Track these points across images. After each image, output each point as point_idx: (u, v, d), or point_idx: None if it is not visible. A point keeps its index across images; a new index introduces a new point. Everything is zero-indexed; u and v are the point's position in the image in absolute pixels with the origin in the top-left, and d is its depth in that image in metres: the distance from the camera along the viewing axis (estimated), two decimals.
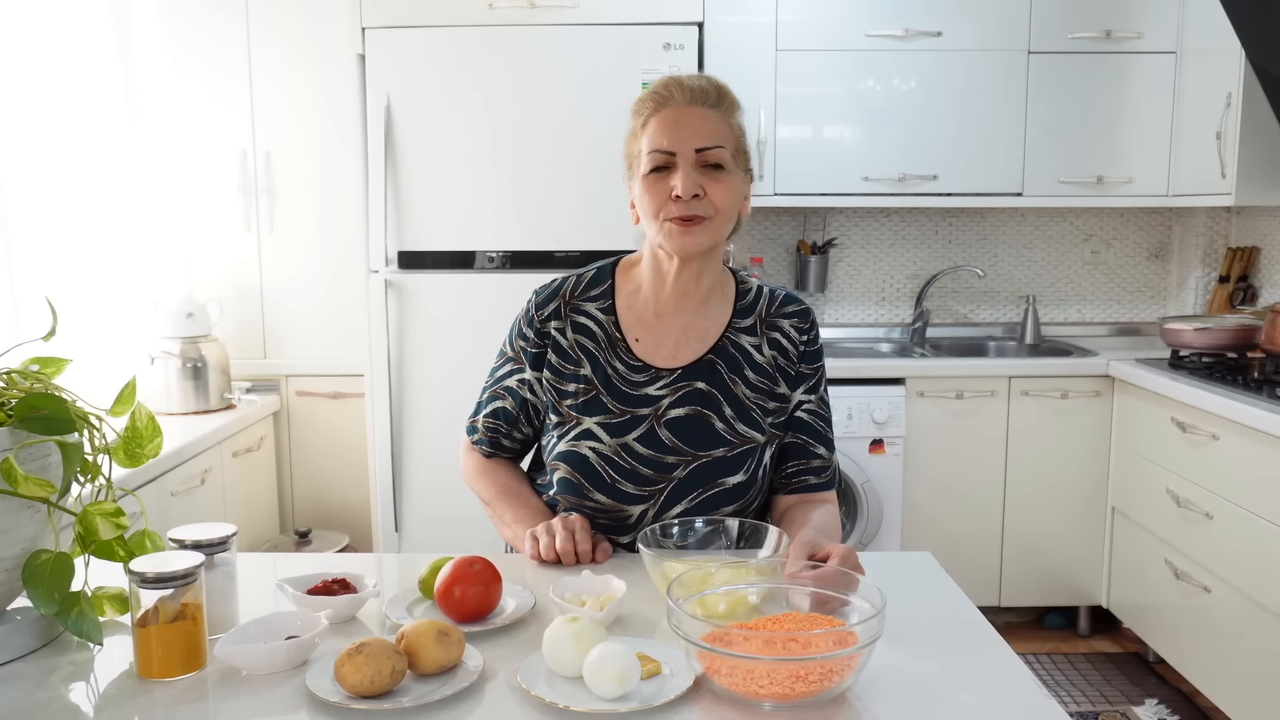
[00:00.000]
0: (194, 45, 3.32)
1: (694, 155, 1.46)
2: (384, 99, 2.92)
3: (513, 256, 3.00)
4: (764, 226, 3.72)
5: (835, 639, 1.04)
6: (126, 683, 1.10)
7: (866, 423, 3.12)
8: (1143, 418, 3.04)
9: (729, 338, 1.58)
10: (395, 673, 1.03)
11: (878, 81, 3.30)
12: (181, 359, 3.05)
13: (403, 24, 2.93)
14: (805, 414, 1.59)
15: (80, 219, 2.80)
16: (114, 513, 1.19)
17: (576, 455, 1.53)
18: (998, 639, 1.21)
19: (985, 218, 3.74)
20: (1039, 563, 3.28)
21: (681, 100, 1.49)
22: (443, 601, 1.23)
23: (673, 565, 1.25)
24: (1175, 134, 3.32)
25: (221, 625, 1.19)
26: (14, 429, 1.11)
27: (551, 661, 1.08)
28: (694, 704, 1.03)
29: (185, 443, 2.70)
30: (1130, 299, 3.80)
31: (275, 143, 3.38)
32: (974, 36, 3.27)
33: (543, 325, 1.58)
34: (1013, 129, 3.32)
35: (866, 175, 3.32)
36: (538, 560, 1.45)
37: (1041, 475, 3.23)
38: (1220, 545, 2.64)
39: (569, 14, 2.95)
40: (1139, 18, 3.28)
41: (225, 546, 1.21)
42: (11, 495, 1.09)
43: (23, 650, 1.16)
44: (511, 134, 2.96)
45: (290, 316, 3.45)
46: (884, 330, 3.77)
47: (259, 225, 3.41)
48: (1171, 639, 2.91)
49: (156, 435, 1.27)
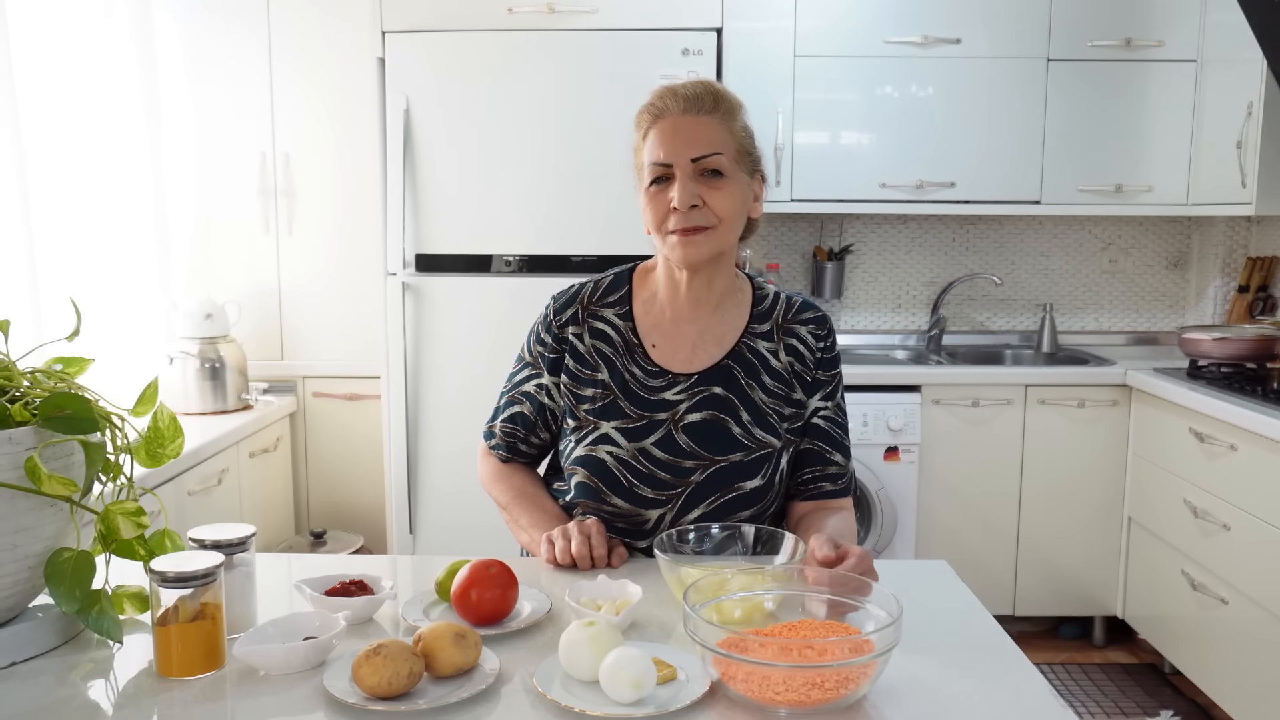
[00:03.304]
0: (215, 48, 3.34)
1: (690, 165, 1.46)
2: (403, 103, 2.93)
3: (529, 260, 3.01)
4: (780, 232, 3.72)
5: (851, 646, 1.04)
6: (146, 681, 1.10)
7: (882, 430, 3.11)
8: (1160, 428, 3.02)
9: (746, 343, 1.58)
10: (412, 674, 1.04)
11: (896, 88, 3.30)
12: (200, 359, 3.07)
13: (422, 28, 2.94)
14: (822, 421, 1.59)
15: (102, 221, 2.82)
16: (135, 512, 1.20)
17: (594, 460, 1.53)
18: (1014, 648, 1.21)
19: (1003, 225, 3.73)
20: (1054, 572, 3.26)
21: (676, 110, 1.48)
22: (459, 604, 1.23)
23: (689, 571, 1.25)
24: (1195, 143, 3.30)
25: (240, 625, 1.20)
26: (38, 428, 1.12)
27: (567, 665, 1.08)
28: (709, 710, 1.03)
29: (203, 443, 2.72)
30: (1148, 308, 3.78)
31: (294, 146, 3.40)
32: (993, 44, 3.27)
33: (560, 330, 1.59)
34: (1031, 137, 3.31)
35: (884, 182, 3.32)
36: (554, 564, 1.46)
37: (1057, 484, 3.22)
38: (1238, 557, 2.62)
39: (588, 19, 2.96)
40: (1160, 26, 3.26)
41: (244, 547, 1.22)
42: (35, 493, 1.10)
43: (44, 647, 1.17)
44: (529, 138, 2.97)
45: (308, 318, 3.47)
46: (900, 337, 3.76)
47: (278, 227, 3.43)
48: (1188, 650, 2.89)
49: (178, 436, 1.28)
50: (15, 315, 2.35)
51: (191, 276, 3.36)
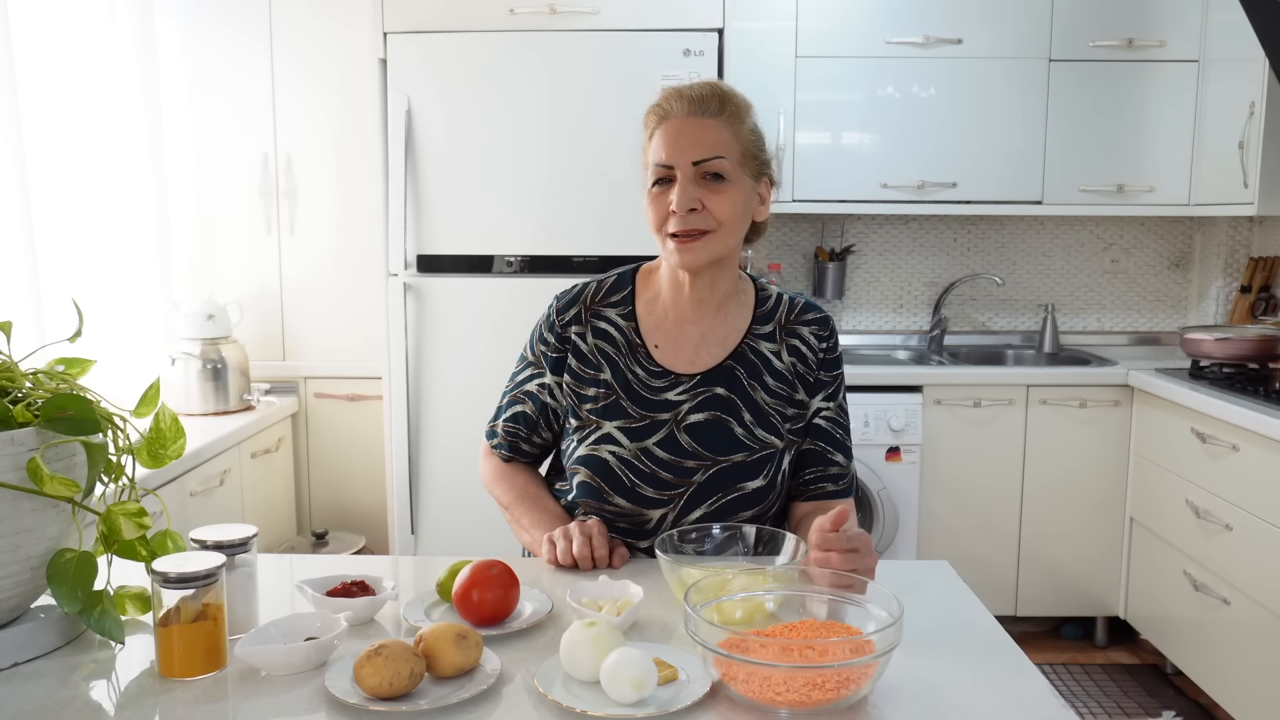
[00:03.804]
0: (216, 50, 3.35)
1: (692, 168, 1.46)
2: (404, 103, 2.93)
3: (531, 261, 3.01)
4: (782, 233, 3.72)
5: (852, 647, 1.04)
6: (147, 681, 1.11)
7: (883, 430, 3.11)
8: (1162, 428, 3.02)
9: (748, 344, 1.58)
10: (414, 675, 1.04)
11: (897, 88, 3.30)
12: (202, 360, 3.07)
13: (424, 29, 2.94)
14: (823, 421, 1.59)
15: (104, 222, 2.83)
16: (137, 512, 1.20)
17: (596, 459, 1.53)
18: (1015, 649, 1.21)
19: (1004, 226, 3.73)
20: (1056, 572, 3.26)
21: (681, 112, 1.48)
22: (461, 604, 1.23)
23: (690, 571, 1.25)
24: (1197, 143, 3.30)
25: (242, 626, 1.20)
26: (40, 429, 1.12)
27: (568, 666, 1.08)
28: (710, 710, 1.03)
29: (204, 443, 2.72)
30: (1150, 308, 3.78)
31: (296, 146, 3.40)
32: (995, 44, 3.26)
33: (563, 330, 1.59)
34: (1033, 137, 3.31)
35: (885, 182, 3.32)
36: (555, 564, 1.46)
37: (1059, 485, 3.22)
38: (1240, 557, 2.62)
39: (589, 20, 2.96)
40: (1161, 26, 3.26)
41: (246, 547, 1.22)
42: (37, 494, 1.10)
43: (46, 648, 1.17)
44: (531, 139, 2.97)
45: (309, 319, 3.47)
46: (901, 338, 3.76)
47: (279, 228, 3.43)
48: (1190, 651, 2.89)
49: (180, 436, 1.28)
50: (17, 316, 2.35)
51: (193, 277, 3.36)
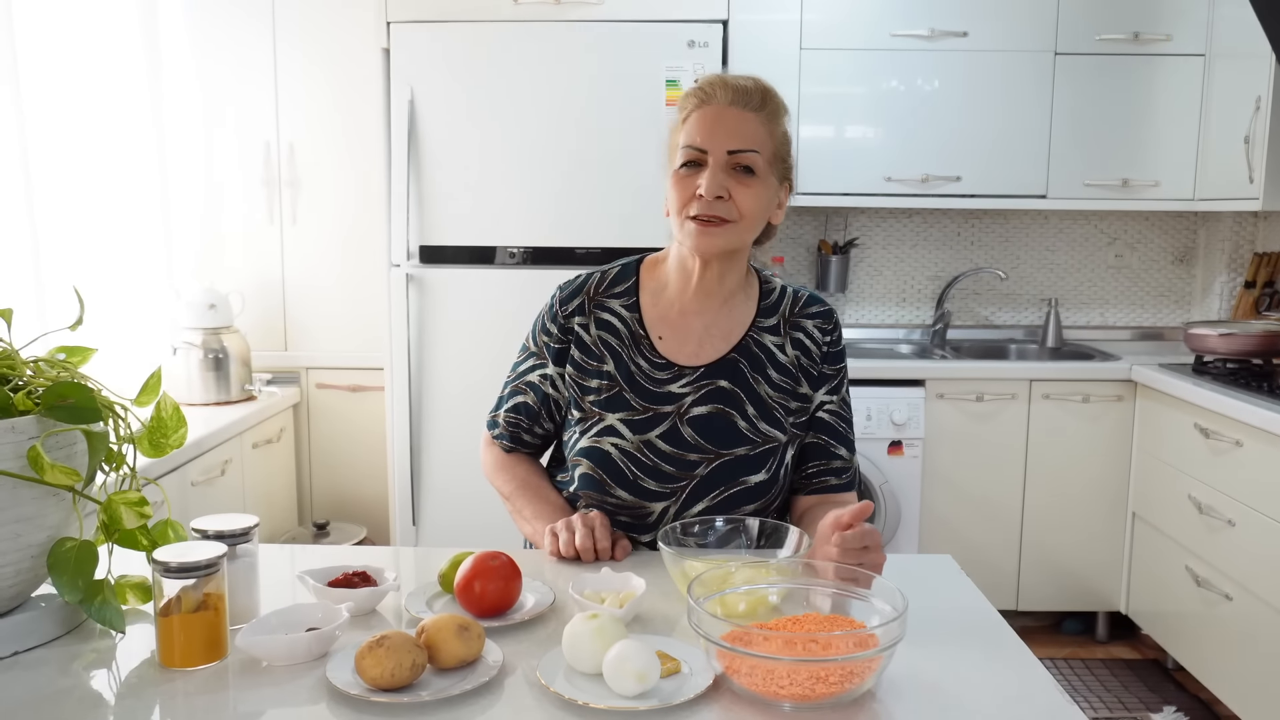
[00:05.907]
0: (219, 38, 3.34)
1: (725, 156, 1.46)
2: (407, 93, 2.92)
3: (534, 252, 3.00)
4: (785, 226, 3.68)
5: (856, 640, 1.04)
6: (148, 671, 1.10)
7: (885, 424, 3.11)
8: (1165, 423, 3.01)
9: (752, 337, 1.57)
10: (415, 666, 1.03)
11: (902, 81, 3.29)
12: (203, 350, 3.07)
13: (428, 19, 2.93)
14: (827, 414, 1.59)
15: (106, 210, 2.82)
16: (138, 502, 1.19)
17: (599, 451, 1.53)
18: (1018, 643, 1.21)
19: (1008, 220, 3.72)
20: (1057, 567, 3.26)
21: (723, 99, 1.48)
22: (463, 596, 1.23)
23: (693, 564, 1.24)
24: (1202, 137, 3.29)
25: (243, 616, 1.20)
26: (41, 417, 1.12)
27: (571, 658, 1.08)
28: (713, 703, 1.03)
29: (206, 433, 2.71)
30: (1154, 303, 3.77)
31: (299, 136, 3.39)
32: (1000, 37, 3.25)
33: (566, 321, 1.58)
34: (1038, 130, 3.30)
35: (889, 176, 3.31)
36: (557, 556, 1.45)
37: (1061, 479, 3.21)
38: (1242, 553, 2.62)
39: (593, 10, 2.95)
40: (1168, 20, 3.25)
41: (247, 537, 1.21)
42: (38, 483, 1.10)
43: (46, 637, 1.17)
44: (534, 130, 2.96)
45: (312, 309, 3.47)
46: (904, 331, 3.75)
47: (282, 218, 3.42)
48: (1191, 646, 2.89)
49: (181, 426, 1.28)
50: (18, 304, 2.34)
51: (195, 266, 3.36)
